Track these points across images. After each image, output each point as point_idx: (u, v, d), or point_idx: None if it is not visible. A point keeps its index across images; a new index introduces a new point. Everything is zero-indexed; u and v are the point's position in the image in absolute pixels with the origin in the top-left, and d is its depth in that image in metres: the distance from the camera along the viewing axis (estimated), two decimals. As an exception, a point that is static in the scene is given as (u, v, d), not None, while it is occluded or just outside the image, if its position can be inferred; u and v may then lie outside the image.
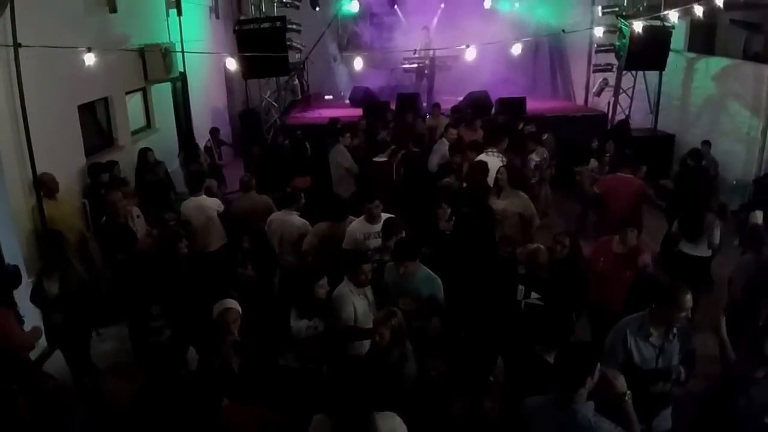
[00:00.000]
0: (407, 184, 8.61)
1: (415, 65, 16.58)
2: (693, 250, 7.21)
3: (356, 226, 6.56)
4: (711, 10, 9.20)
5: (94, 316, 6.61)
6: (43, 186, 7.55)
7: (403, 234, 6.00)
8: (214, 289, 5.72)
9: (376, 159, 9.11)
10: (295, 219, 7.12)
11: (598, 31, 12.59)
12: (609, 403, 3.55)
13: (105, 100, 10.05)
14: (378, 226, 6.37)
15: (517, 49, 10.94)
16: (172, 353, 5.45)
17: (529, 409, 3.67)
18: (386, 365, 4.36)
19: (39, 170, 7.48)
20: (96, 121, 9.96)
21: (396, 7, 18.38)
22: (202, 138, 13.10)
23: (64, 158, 8.32)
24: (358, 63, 13.00)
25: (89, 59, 8.25)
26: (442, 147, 9.69)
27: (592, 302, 6.27)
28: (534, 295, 5.35)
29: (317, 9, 16.83)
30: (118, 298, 7.12)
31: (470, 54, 9.83)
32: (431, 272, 5.58)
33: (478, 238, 6.47)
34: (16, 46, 7.01)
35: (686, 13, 9.65)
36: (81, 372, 6.37)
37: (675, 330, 4.43)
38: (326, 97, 18.46)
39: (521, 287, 5.37)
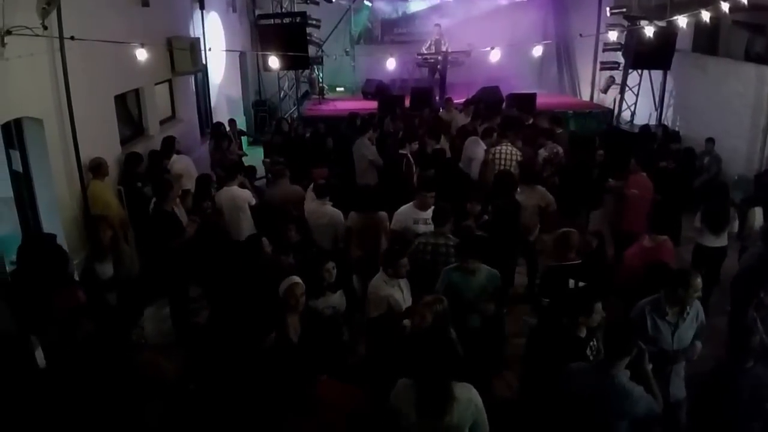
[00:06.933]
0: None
1: (431, 60, 16.82)
2: (715, 242, 7.63)
3: (406, 210, 6.95)
4: (715, 12, 9.57)
5: (142, 297, 7.00)
6: (97, 168, 7.96)
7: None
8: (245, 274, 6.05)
9: (402, 151, 9.47)
10: (328, 209, 7.44)
11: (612, 36, 12.94)
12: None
13: (136, 91, 10.36)
14: (426, 213, 6.75)
15: (538, 51, 11.32)
16: (211, 333, 5.86)
17: (569, 372, 4.18)
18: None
19: (82, 159, 7.85)
20: (127, 112, 10.27)
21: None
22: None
23: (104, 147, 8.57)
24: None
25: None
26: (479, 151, 9.76)
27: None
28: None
29: (333, 1, 17.21)
30: (156, 282, 7.52)
31: (495, 55, 10.18)
32: (490, 268, 5.79)
33: (511, 227, 6.88)
34: (62, 38, 7.26)
35: (692, 16, 9.96)
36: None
37: (689, 309, 4.91)
38: (338, 88, 18.84)
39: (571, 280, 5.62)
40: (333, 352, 4.34)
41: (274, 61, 11.90)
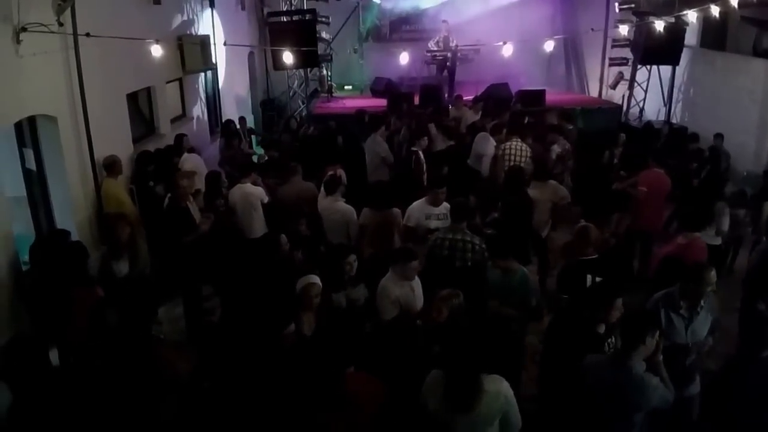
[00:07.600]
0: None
1: (440, 57, 16.71)
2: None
3: (418, 206, 6.97)
4: (724, 7, 9.58)
5: (158, 295, 7.04)
6: (111, 166, 8.02)
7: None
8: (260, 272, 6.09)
9: (414, 148, 9.51)
10: (341, 205, 7.46)
11: (623, 30, 12.94)
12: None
13: (147, 89, 10.42)
14: (438, 209, 6.81)
15: (549, 46, 11.33)
16: (224, 330, 5.87)
17: (587, 366, 4.21)
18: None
19: (96, 157, 7.92)
20: (139, 110, 10.33)
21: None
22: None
23: (116, 146, 8.59)
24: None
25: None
26: (489, 147, 9.83)
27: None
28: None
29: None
30: (169, 280, 7.55)
31: (507, 50, 10.20)
32: (526, 272, 5.80)
33: (522, 224, 6.91)
34: (76, 35, 7.30)
35: (700, 12, 9.97)
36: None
37: (702, 303, 4.91)
38: (346, 87, 18.86)
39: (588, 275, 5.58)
40: (351, 345, 4.35)
41: (288, 57, 11.91)
